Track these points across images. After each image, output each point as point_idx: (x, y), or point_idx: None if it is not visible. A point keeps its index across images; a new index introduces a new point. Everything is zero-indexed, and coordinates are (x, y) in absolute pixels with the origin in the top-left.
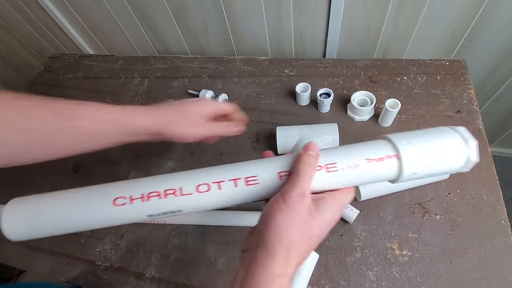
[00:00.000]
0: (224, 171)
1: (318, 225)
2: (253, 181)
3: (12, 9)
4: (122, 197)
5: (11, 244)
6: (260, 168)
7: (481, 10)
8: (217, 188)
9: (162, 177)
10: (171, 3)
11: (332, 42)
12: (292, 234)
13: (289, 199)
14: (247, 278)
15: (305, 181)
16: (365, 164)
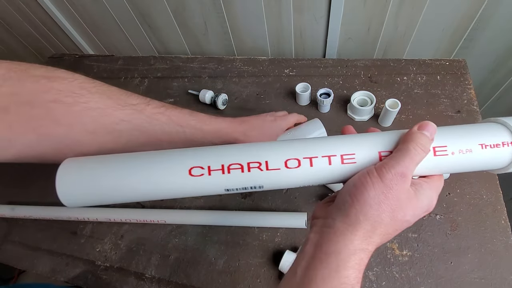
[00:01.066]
0: (316, 146)
1: (413, 211)
2: (350, 160)
3: (12, 9)
4: (200, 167)
5: (11, 244)
6: (358, 145)
7: (481, 10)
8: (309, 165)
9: (244, 146)
10: (171, 3)
11: (332, 42)
12: (382, 212)
13: (387, 176)
14: (322, 244)
15: (412, 162)
16: (478, 150)
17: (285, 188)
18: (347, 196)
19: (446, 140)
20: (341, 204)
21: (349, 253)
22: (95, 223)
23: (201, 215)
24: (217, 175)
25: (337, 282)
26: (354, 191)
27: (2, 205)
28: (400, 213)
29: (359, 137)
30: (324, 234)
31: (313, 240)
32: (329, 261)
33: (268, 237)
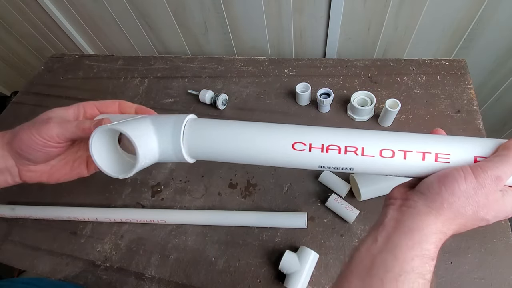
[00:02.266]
0: (412, 140)
1: (495, 212)
2: (444, 159)
3: (12, 9)
4: (302, 143)
5: (11, 244)
6: (455, 147)
7: (481, 10)
8: (403, 157)
9: (344, 131)
10: (171, 3)
11: (332, 42)
12: (467, 205)
13: (482, 175)
14: (405, 220)
15: (509, 168)
16: None
17: (374, 174)
18: (434, 184)
19: None
20: (425, 189)
21: (431, 232)
22: (95, 223)
23: (201, 215)
24: (316, 152)
25: (419, 252)
26: (443, 180)
27: (2, 205)
28: (484, 211)
29: (456, 139)
30: (406, 212)
31: (393, 216)
32: (413, 234)
33: (268, 237)
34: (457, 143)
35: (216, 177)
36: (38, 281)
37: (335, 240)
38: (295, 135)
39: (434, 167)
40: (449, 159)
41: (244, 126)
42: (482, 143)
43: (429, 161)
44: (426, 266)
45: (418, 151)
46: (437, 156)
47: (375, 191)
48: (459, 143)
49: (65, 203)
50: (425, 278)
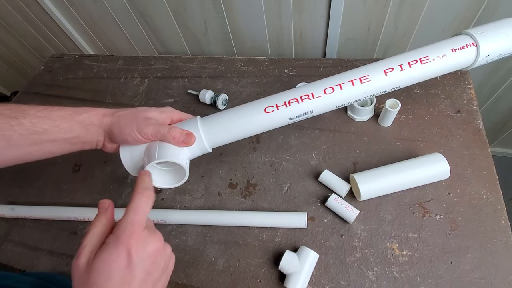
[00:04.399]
0: (342, 76)
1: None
2: (366, 79)
3: (12, 9)
4: (270, 105)
5: (11, 244)
6: (367, 69)
7: (481, 10)
8: (339, 89)
9: (296, 89)
10: (171, 3)
11: (332, 42)
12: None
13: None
14: None
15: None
16: (450, 53)
17: (329, 110)
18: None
19: (426, 52)
20: None
21: None
22: None
23: (201, 215)
24: (282, 109)
25: None
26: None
27: (2, 205)
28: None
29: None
30: None
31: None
32: None
33: (268, 237)
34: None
35: (216, 177)
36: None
37: (335, 240)
38: (264, 102)
39: (363, 87)
40: (368, 78)
41: (233, 111)
42: None
43: (357, 84)
44: None
45: (348, 80)
46: (361, 78)
47: (375, 191)
48: (373, 66)
49: (65, 203)
50: None
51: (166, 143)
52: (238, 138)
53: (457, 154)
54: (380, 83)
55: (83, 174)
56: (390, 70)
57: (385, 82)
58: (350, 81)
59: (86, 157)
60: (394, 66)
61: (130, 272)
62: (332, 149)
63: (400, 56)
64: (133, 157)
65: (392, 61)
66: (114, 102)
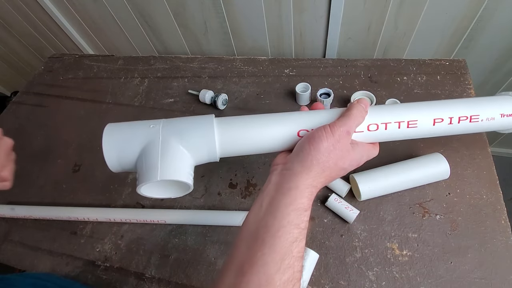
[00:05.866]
0: (390, 114)
1: (349, 161)
2: (413, 125)
3: (12, 9)
4: (306, 130)
5: (11, 244)
6: (417, 113)
7: (481, 10)
8: (384, 128)
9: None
10: (171, 3)
11: (332, 42)
12: (329, 159)
13: (337, 132)
14: (284, 183)
15: (355, 123)
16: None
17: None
18: (306, 145)
19: (478, 110)
20: (299, 151)
21: (304, 187)
22: (95, 223)
23: (201, 215)
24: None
25: (295, 206)
26: (311, 141)
27: (2, 205)
28: (341, 161)
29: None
30: (285, 175)
31: (275, 181)
32: (290, 193)
33: None
34: (318, 116)
35: (216, 177)
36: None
37: (335, 240)
38: (298, 123)
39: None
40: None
41: (259, 121)
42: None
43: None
44: (301, 217)
45: (399, 121)
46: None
47: (375, 191)
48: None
49: (65, 203)
50: (300, 227)
51: (168, 154)
52: (255, 153)
53: (457, 154)
54: (425, 131)
55: (83, 174)
56: (440, 120)
57: (430, 131)
58: (398, 122)
59: (86, 157)
60: (445, 117)
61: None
62: None
63: (452, 106)
64: (120, 158)
65: (443, 110)
66: (114, 102)
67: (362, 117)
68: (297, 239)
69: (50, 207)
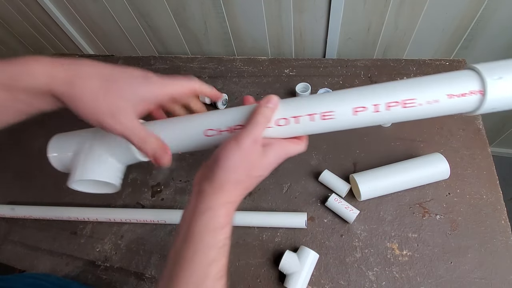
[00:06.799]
0: (306, 106)
1: (264, 167)
2: (329, 116)
3: (12, 9)
4: (211, 129)
5: (11, 244)
6: (334, 103)
7: (481, 10)
8: (294, 122)
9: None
10: (171, 3)
11: (332, 42)
12: (240, 174)
13: (243, 145)
14: (198, 204)
15: (260, 129)
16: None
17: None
18: (214, 164)
19: (415, 92)
20: (209, 170)
21: (218, 207)
22: (95, 223)
23: None
24: (225, 134)
25: (211, 227)
26: (219, 159)
27: (2, 205)
28: (253, 171)
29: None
30: (199, 197)
31: (191, 204)
32: (204, 216)
33: (268, 237)
34: (221, 116)
35: None
36: (46, 277)
37: (335, 240)
38: (204, 124)
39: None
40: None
41: (176, 122)
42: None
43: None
44: (217, 236)
45: (313, 113)
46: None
47: (375, 191)
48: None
49: (65, 203)
50: (217, 246)
51: (91, 157)
52: (174, 152)
53: (457, 154)
54: (348, 122)
55: None
56: (362, 109)
57: (351, 121)
58: (310, 114)
59: None
60: (368, 105)
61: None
62: (332, 149)
63: (380, 90)
64: (62, 148)
65: (367, 96)
66: None
67: (269, 119)
68: (215, 260)
69: (50, 207)
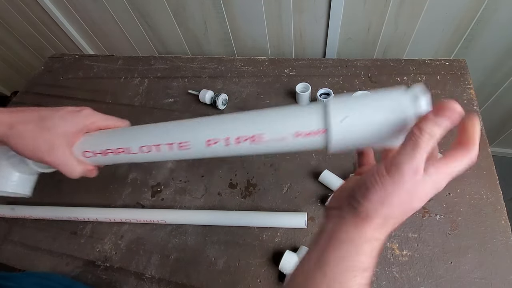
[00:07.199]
0: (165, 134)
1: (421, 198)
2: (186, 146)
3: (12, 9)
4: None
5: (11, 244)
6: (190, 134)
7: (481, 10)
8: (156, 150)
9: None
10: (171, 3)
11: (332, 42)
12: (393, 208)
13: (398, 175)
14: (337, 234)
15: (423, 154)
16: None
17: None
18: (358, 194)
19: (264, 128)
20: (352, 200)
21: (362, 241)
22: (95, 223)
23: (201, 215)
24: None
25: (351, 265)
26: (361, 190)
27: (2, 205)
28: (410, 204)
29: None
30: (338, 225)
31: (327, 231)
32: (342, 247)
33: (268, 237)
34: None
35: (216, 177)
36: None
37: None
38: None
39: (177, 154)
40: (188, 146)
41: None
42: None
43: (175, 149)
44: (357, 280)
45: (170, 143)
46: (180, 144)
47: None
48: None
49: (65, 203)
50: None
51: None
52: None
53: None
54: (200, 153)
55: None
56: (214, 142)
57: (206, 152)
58: (169, 144)
59: None
60: (220, 139)
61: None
62: None
63: (236, 121)
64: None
65: (220, 129)
66: (114, 102)
67: (437, 138)
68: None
69: (50, 207)
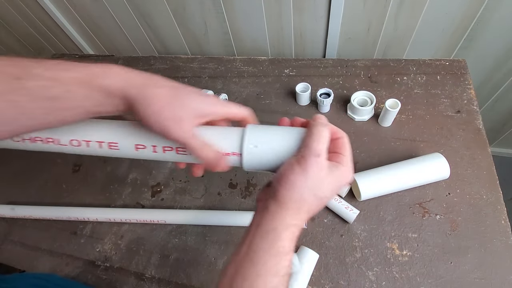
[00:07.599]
0: (96, 134)
1: (330, 188)
2: (115, 146)
3: (12, 9)
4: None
5: (11, 244)
6: (119, 136)
7: (481, 10)
8: (86, 146)
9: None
10: (171, 3)
11: (332, 42)
12: (303, 193)
13: (304, 161)
14: (262, 224)
15: (320, 143)
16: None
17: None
18: (276, 183)
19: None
20: (273, 188)
21: (283, 228)
22: (95, 223)
23: (201, 215)
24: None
25: (275, 251)
26: (280, 178)
27: (2, 205)
28: (320, 191)
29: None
30: (263, 215)
31: (255, 221)
32: (268, 236)
33: None
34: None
35: (216, 177)
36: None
37: (335, 240)
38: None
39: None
40: (117, 146)
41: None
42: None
43: (105, 148)
44: (281, 263)
45: (100, 141)
46: (110, 144)
47: (375, 191)
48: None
49: (65, 203)
50: (279, 274)
51: None
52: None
53: (457, 154)
54: (129, 154)
55: (83, 174)
56: (142, 147)
57: (136, 155)
58: (99, 142)
59: (86, 157)
60: (147, 145)
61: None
62: None
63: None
64: None
65: (147, 140)
66: None
67: (327, 135)
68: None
69: (50, 207)
